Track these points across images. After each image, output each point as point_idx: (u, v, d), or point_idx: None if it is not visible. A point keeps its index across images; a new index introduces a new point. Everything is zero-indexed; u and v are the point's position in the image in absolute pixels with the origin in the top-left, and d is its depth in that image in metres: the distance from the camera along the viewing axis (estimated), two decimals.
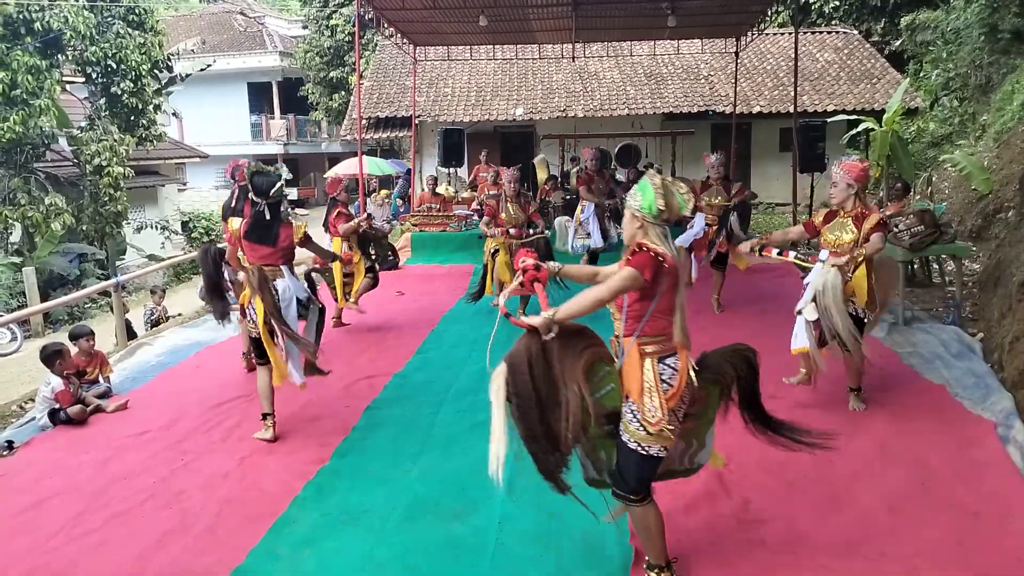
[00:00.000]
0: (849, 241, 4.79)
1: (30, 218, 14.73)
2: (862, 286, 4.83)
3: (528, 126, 18.20)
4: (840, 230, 4.87)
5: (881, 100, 16.35)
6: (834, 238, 4.89)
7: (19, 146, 14.81)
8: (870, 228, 4.74)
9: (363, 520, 3.91)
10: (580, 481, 4.22)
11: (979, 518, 3.65)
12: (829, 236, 4.93)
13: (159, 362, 7.11)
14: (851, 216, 4.83)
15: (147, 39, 16.72)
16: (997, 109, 13.48)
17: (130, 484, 4.46)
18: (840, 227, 4.88)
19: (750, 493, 3.99)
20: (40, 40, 14.49)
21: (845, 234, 4.83)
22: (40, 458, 4.98)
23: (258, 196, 4.85)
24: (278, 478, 4.44)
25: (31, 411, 5.91)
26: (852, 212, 4.83)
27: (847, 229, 4.83)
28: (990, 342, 6.19)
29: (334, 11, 26.30)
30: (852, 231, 4.79)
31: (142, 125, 17.27)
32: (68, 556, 3.71)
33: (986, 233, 9.99)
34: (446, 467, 4.50)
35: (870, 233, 4.73)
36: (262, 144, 30.64)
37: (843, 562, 3.37)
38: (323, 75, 26.80)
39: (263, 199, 4.84)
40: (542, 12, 12.22)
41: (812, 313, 4.75)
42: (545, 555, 3.54)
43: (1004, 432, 4.48)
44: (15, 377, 10.30)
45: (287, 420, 5.29)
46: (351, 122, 18.27)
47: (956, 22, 15.73)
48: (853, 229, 4.79)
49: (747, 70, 18.14)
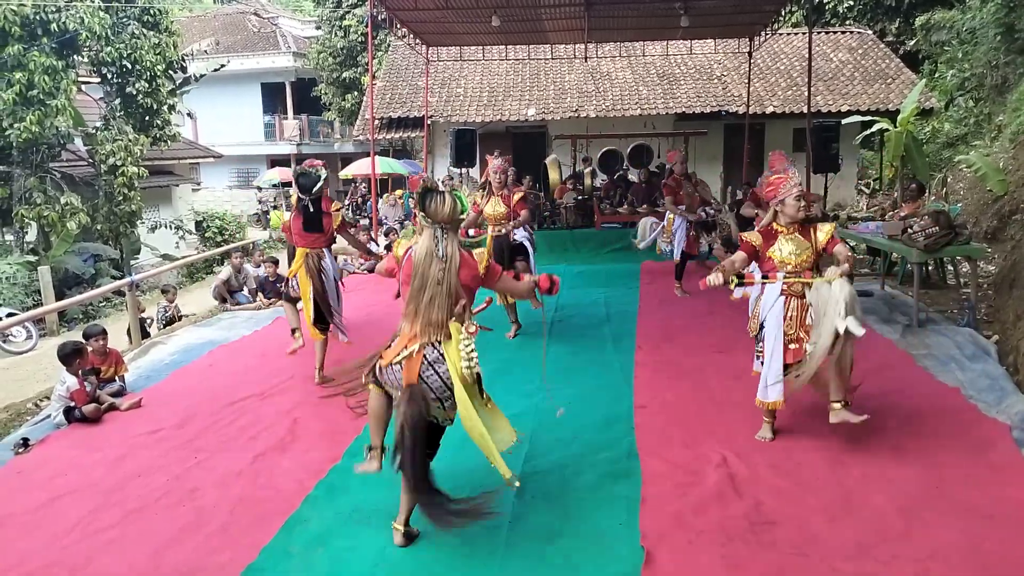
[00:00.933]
0: (810, 253, 4.43)
1: (46, 217, 14.85)
2: None
3: (540, 126, 18.19)
4: (791, 245, 4.46)
5: (896, 100, 16.26)
6: (789, 257, 4.46)
7: (35, 146, 14.92)
8: (828, 239, 4.44)
9: (375, 519, 3.92)
10: (593, 481, 4.24)
11: (993, 521, 3.62)
12: (782, 255, 4.47)
13: (172, 361, 7.16)
14: (795, 231, 4.48)
15: (162, 40, 16.85)
16: (1013, 109, 13.37)
17: (144, 482, 4.50)
18: (789, 243, 4.48)
19: (761, 495, 3.97)
20: (56, 41, 14.60)
21: (803, 250, 4.44)
22: (55, 455, 5.03)
23: (303, 194, 5.85)
24: (291, 476, 4.46)
25: (46, 409, 5.97)
26: (792, 226, 4.49)
27: (800, 243, 4.45)
28: (1005, 344, 6.14)
29: (347, 12, 26.39)
30: (806, 246, 4.44)
31: (156, 125, 17.40)
32: (83, 552, 3.75)
33: (1002, 234, 9.91)
34: (458, 466, 4.50)
35: (830, 245, 4.44)
36: (275, 144, 30.78)
37: (855, 564, 3.35)
38: (336, 75, 26.89)
39: (307, 196, 5.84)
40: (554, 12, 12.21)
41: (858, 328, 4.18)
42: (555, 554, 3.54)
43: (1019, 435, 4.45)
44: (31, 375, 10.38)
45: (299, 418, 5.32)
46: (363, 122, 18.32)
47: (972, 22, 15.61)
48: (804, 243, 4.44)
49: (760, 70, 18.07)
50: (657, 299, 8.43)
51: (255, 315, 8.93)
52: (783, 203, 4.49)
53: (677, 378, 5.88)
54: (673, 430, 4.88)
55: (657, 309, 8.01)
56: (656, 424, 4.98)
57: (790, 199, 4.46)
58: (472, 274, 3.61)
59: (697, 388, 5.63)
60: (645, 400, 5.41)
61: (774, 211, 4.57)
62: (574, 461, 4.50)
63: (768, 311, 4.54)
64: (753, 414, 4.91)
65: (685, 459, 4.44)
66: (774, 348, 4.49)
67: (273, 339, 7.69)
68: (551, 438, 4.83)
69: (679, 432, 4.84)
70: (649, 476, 4.24)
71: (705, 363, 6.19)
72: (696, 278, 4.53)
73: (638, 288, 9.11)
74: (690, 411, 5.20)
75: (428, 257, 3.49)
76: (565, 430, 4.93)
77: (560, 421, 5.07)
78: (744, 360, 6.17)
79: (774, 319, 4.50)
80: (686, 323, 7.44)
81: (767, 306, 4.56)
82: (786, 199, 4.47)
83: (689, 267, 8.70)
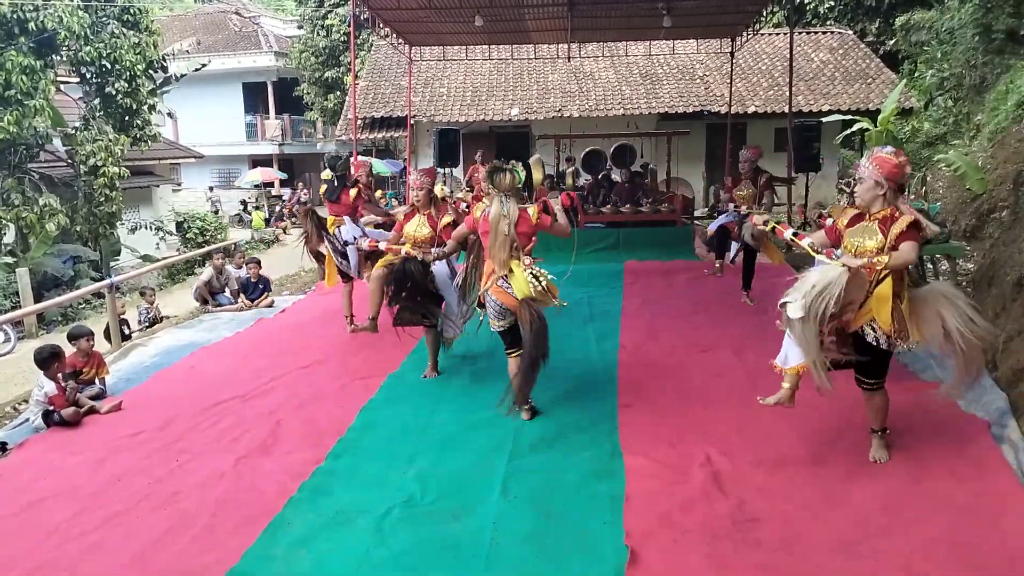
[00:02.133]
0: (872, 248, 4.01)
1: (24, 219, 14.67)
2: (885, 307, 3.95)
3: (524, 126, 18.21)
4: (863, 235, 4.09)
5: (876, 100, 16.41)
6: (855, 244, 4.10)
7: (13, 147, 14.75)
8: (899, 233, 3.93)
9: (359, 521, 3.90)
10: (576, 480, 4.24)
11: (974, 516, 3.65)
12: (850, 242, 4.14)
13: (153, 363, 7.09)
14: (878, 219, 4.05)
15: (142, 39, 16.67)
16: (991, 109, 13.51)
17: (126, 485, 4.45)
18: (864, 231, 4.10)
19: (746, 493, 3.99)
20: (34, 40, 14.43)
21: (868, 240, 4.04)
22: (34, 459, 4.96)
23: (331, 171, 7.43)
24: (273, 479, 4.43)
25: (24, 412, 5.89)
26: (879, 214, 4.06)
27: (872, 234, 4.05)
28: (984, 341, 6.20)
29: (329, 11, 26.29)
30: (878, 236, 4.01)
31: (137, 125, 17.21)
32: (65, 557, 3.70)
33: (980, 233, 10.00)
34: (442, 467, 4.49)
35: (899, 240, 3.92)
36: (257, 144, 30.62)
37: (839, 561, 3.37)
38: (318, 75, 26.79)
39: (334, 173, 7.39)
40: (537, 12, 12.22)
41: (797, 311, 3.91)
42: (540, 555, 3.54)
43: (998, 431, 4.49)
44: (9, 378, 10.27)
45: (282, 420, 5.29)
46: (346, 122, 18.24)
47: (950, 22, 15.76)
48: (879, 234, 4.02)
49: (742, 70, 18.17)
50: (640, 299, 8.45)
51: (237, 316, 8.87)
52: (900, 186, 4.09)
53: (661, 377, 5.89)
54: (657, 429, 4.88)
55: (640, 308, 8.02)
56: (640, 423, 4.99)
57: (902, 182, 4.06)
58: (528, 225, 4.95)
59: (681, 387, 5.64)
60: (629, 399, 5.42)
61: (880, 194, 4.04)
62: (558, 460, 4.50)
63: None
64: (738, 412, 4.94)
65: (669, 457, 4.45)
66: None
67: (255, 341, 7.65)
68: (535, 437, 4.82)
69: (663, 431, 4.85)
70: (633, 475, 4.24)
71: (689, 362, 6.21)
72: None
73: (621, 288, 9.13)
74: (674, 409, 5.21)
75: (496, 216, 4.89)
76: (549, 429, 4.93)
77: (543, 420, 5.08)
78: (727, 358, 6.21)
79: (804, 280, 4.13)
80: (670, 322, 7.46)
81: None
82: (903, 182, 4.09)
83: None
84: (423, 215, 6.00)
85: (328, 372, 6.44)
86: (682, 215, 11.90)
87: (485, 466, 4.46)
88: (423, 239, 5.91)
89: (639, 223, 11.40)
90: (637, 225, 11.38)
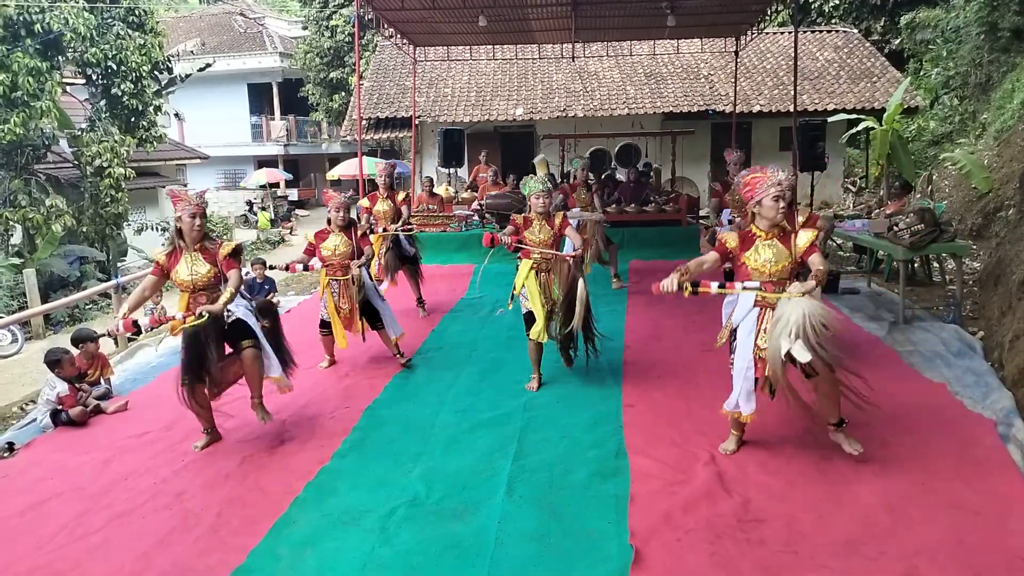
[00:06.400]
0: (787, 265, 4.06)
1: (31, 220, 14.72)
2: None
3: (528, 126, 18.20)
4: (768, 253, 4.09)
5: (881, 99, 16.36)
6: (765, 265, 4.08)
7: (20, 148, 14.79)
8: (806, 247, 4.05)
9: (364, 520, 3.91)
10: (581, 480, 4.24)
11: (979, 517, 3.65)
12: (756, 262, 4.11)
13: (159, 363, 7.13)
14: (775, 236, 4.11)
15: (147, 40, 16.71)
16: (997, 107, 13.49)
17: (131, 485, 4.47)
18: (766, 249, 4.10)
19: (750, 493, 3.99)
20: (40, 42, 14.47)
21: (778, 259, 4.07)
22: (41, 459, 4.99)
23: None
24: (279, 478, 4.45)
25: (32, 412, 5.92)
26: (772, 231, 4.11)
27: (776, 251, 4.08)
28: (990, 340, 6.19)
29: (334, 12, 26.33)
30: (785, 254, 4.06)
31: (142, 126, 17.26)
32: (71, 556, 3.72)
33: (986, 231, 10.00)
34: (446, 467, 4.50)
35: (807, 255, 4.06)
36: (262, 145, 30.67)
37: (843, 561, 3.37)
38: (323, 76, 26.82)
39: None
40: (542, 12, 12.21)
41: (804, 354, 3.86)
42: (545, 555, 3.54)
43: (1004, 431, 4.48)
44: (16, 379, 10.30)
45: (287, 421, 5.31)
46: (351, 123, 18.28)
47: (956, 20, 15.74)
48: (783, 251, 4.07)
49: (747, 69, 18.14)
50: (644, 298, 8.44)
51: None
52: (760, 204, 4.08)
53: (665, 377, 5.89)
54: (661, 429, 4.89)
55: (645, 308, 8.02)
56: (644, 423, 4.99)
57: (768, 200, 4.03)
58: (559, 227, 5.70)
59: (685, 386, 5.64)
60: (633, 399, 5.42)
61: (751, 213, 4.16)
62: (563, 460, 4.51)
63: (741, 321, 4.25)
64: None
65: (673, 457, 4.45)
66: (747, 360, 4.21)
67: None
68: (539, 437, 4.83)
69: (667, 431, 4.85)
70: (638, 474, 4.25)
71: (693, 361, 6.20)
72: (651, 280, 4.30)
73: (626, 287, 9.14)
74: (678, 410, 5.21)
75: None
76: (554, 429, 4.94)
77: (548, 420, 5.09)
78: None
79: (746, 330, 4.21)
80: (674, 322, 7.46)
81: (740, 316, 4.25)
82: (764, 200, 4.05)
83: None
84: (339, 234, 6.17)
85: (333, 372, 6.47)
86: (687, 215, 11.89)
87: (490, 466, 4.47)
88: (343, 254, 6.13)
89: (644, 223, 11.40)
90: (642, 225, 11.38)
